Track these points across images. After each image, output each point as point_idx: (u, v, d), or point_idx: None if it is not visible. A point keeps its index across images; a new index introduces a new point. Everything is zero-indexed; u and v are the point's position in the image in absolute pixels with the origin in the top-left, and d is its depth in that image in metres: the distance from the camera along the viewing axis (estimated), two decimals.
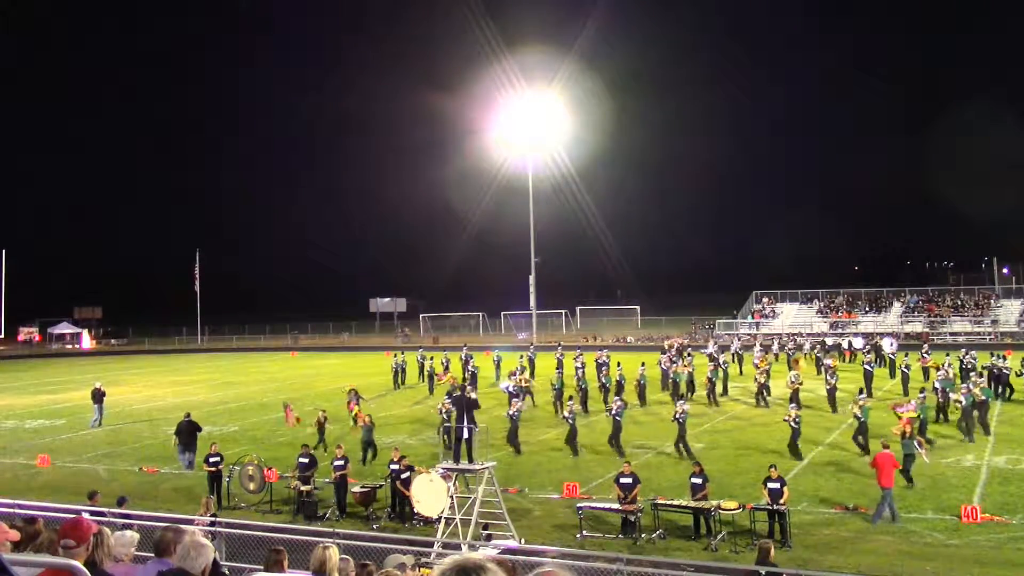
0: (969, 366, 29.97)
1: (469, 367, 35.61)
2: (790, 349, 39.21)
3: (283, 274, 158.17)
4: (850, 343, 42.23)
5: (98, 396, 29.19)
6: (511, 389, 27.21)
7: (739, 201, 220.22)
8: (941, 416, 24.18)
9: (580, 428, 22.69)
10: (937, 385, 25.14)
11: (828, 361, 33.03)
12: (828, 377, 28.23)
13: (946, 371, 26.97)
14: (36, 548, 4.49)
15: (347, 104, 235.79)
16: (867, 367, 30.82)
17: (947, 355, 30.51)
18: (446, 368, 24.04)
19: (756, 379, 30.06)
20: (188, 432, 21.39)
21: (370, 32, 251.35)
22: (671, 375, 30.86)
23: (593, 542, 14.45)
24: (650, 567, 10.96)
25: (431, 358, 38.49)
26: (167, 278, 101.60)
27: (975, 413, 22.44)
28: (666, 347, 43.68)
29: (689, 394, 30.14)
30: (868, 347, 39.16)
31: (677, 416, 21.34)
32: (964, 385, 24.03)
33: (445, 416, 22.64)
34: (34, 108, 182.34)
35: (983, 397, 23.02)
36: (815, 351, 39.97)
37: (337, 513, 16.55)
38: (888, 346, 38.02)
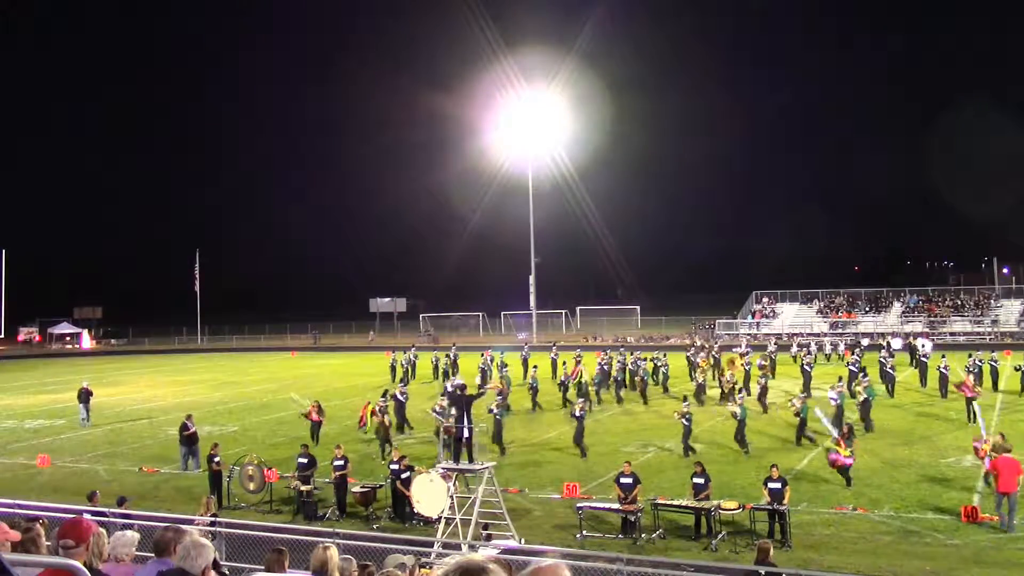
0: (975, 370, 29.54)
1: (479, 366, 35.84)
2: (771, 352, 38.78)
3: (283, 274, 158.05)
4: (888, 343, 42.07)
5: (84, 396, 29.31)
6: (448, 388, 27.65)
7: (739, 201, 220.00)
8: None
9: (589, 425, 22.67)
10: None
11: (761, 362, 33.23)
12: (759, 378, 28.52)
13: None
14: (22, 548, 4.48)
15: (347, 104, 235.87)
16: (852, 368, 30.86)
17: (970, 356, 30.45)
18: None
19: (694, 378, 30.47)
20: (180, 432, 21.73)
21: (370, 32, 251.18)
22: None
23: (593, 542, 14.45)
24: (650, 567, 10.96)
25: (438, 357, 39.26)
26: (167, 278, 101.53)
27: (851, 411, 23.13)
28: (698, 343, 43.80)
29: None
30: (905, 347, 39.11)
31: (576, 412, 21.76)
32: (838, 384, 24.45)
33: (440, 417, 22.75)
34: (34, 108, 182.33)
35: (864, 396, 23.48)
36: (802, 352, 39.54)
37: (337, 513, 16.56)
38: (923, 347, 38.06)
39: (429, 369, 39.59)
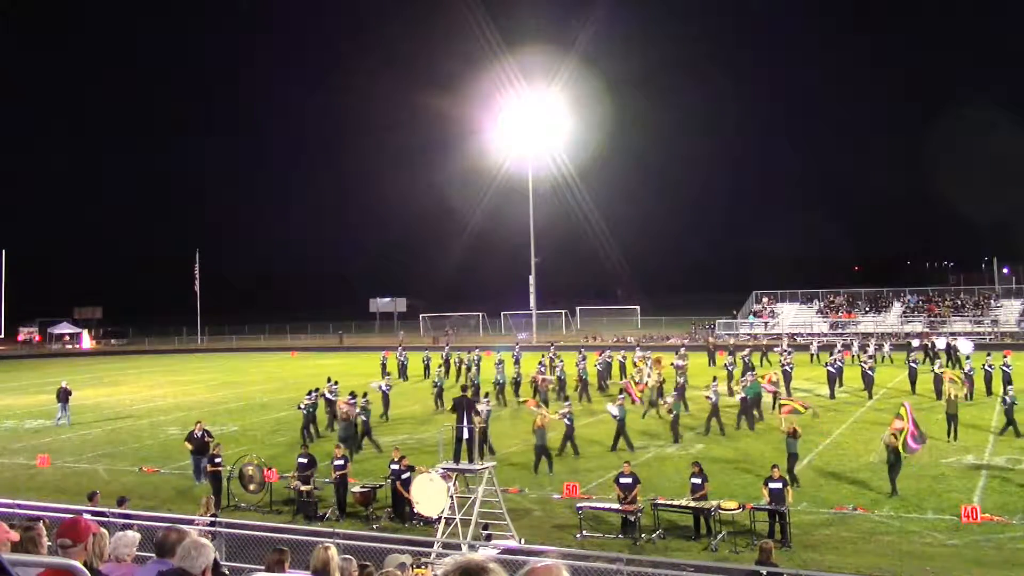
0: (972, 373, 28.67)
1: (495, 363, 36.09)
2: (745, 355, 38.37)
3: (283, 274, 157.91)
4: (932, 343, 41.63)
5: (63, 395, 29.42)
6: (383, 387, 28.38)
7: (739, 201, 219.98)
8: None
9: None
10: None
11: (679, 362, 33.61)
12: (677, 377, 29.44)
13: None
14: (23, 548, 4.48)
15: (347, 104, 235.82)
16: (830, 369, 30.70)
17: (966, 357, 30.22)
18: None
19: (632, 378, 31.06)
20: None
21: (370, 32, 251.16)
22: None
23: (593, 542, 14.45)
24: (650, 567, 10.96)
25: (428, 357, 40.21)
26: (167, 278, 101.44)
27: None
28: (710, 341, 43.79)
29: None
30: (945, 348, 38.90)
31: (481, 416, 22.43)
32: (712, 385, 24.97)
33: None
34: (34, 108, 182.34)
35: (743, 394, 24.10)
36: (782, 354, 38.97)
37: (337, 513, 16.56)
38: (964, 347, 37.91)
39: (420, 368, 40.21)
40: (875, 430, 23.71)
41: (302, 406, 24.87)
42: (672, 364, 32.96)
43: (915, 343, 42.91)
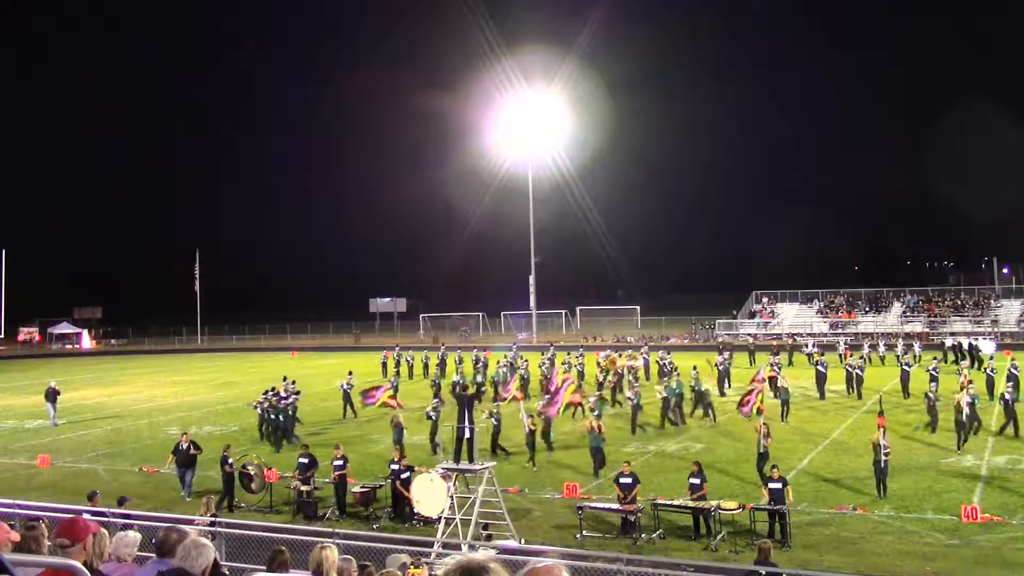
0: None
1: (508, 360, 36.03)
2: (724, 359, 38.09)
3: (283, 274, 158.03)
4: (959, 343, 41.45)
5: (51, 395, 29.50)
6: (344, 387, 28.83)
7: (739, 201, 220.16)
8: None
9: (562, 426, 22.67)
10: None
11: (632, 363, 33.82)
12: (631, 379, 29.78)
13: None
14: (24, 547, 4.49)
15: (347, 104, 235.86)
16: (820, 368, 30.43)
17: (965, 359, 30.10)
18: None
19: (597, 377, 31.70)
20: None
21: (370, 32, 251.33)
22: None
23: (593, 542, 14.46)
24: (650, 567, 10.96)
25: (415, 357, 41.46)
26: (167, 278, 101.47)
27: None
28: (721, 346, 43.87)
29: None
30: (968, 348, 38.95)
31: (429, 412, 22.92)
32: (635, 384, 26.15)
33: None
34: (34, 108, 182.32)
35: (664, 394, 24.88)
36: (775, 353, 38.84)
37: (337, 513, 16.56)
38: (986, 348, 37.84)
39: (420, 368, 40.85)
40: (874, 430, 23.72)
41: (256, 405, 25.21)
42: (628, 366, 33.19)
43: (948, 342, 42.70)
